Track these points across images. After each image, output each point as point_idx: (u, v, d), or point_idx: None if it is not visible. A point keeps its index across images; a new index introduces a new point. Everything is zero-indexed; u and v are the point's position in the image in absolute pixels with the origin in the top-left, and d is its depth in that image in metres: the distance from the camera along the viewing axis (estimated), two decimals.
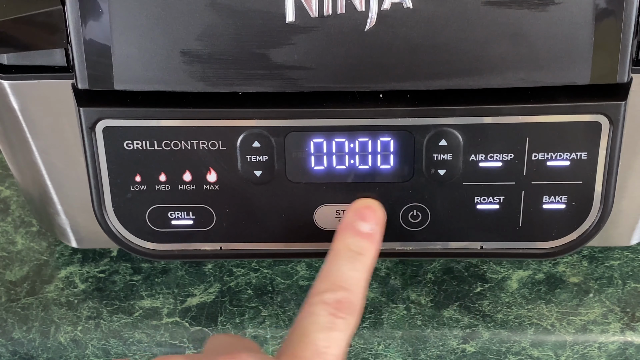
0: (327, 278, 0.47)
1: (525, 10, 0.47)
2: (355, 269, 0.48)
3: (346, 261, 0.48)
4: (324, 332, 0.44)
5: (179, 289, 0.61)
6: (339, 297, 0.46)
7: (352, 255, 0.48)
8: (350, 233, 0.49)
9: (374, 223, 0.50)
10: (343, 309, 0.45)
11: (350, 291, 0.46)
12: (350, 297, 0.46)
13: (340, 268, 0.48)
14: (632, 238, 0.60)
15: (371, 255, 0.49)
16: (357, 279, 0.47)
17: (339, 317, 0.45)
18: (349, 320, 0.45)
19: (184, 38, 0.48)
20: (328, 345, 0.44)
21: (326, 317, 0.45)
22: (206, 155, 0.52)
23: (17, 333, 0.59)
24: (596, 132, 0.51)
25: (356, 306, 0.46)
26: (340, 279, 0.47)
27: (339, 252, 0.48)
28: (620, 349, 0.57)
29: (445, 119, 0.50)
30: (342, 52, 0.48)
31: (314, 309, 0.45)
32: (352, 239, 0.49)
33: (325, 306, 0.45)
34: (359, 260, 0.48)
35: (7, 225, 0.66)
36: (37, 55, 0.50)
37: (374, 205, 0.51)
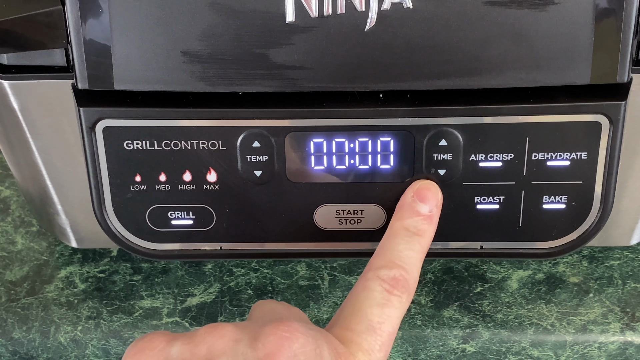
0: (384, 255, 0.47)
1: (525, 10, 0.47)
2: (412, 249, 0.48)
3: (403, 240, 0.48)
4: (378, 307, 0.45)
5: (179, 289, 0.61)
6: (395, 274, 0.46)
7: (409, 235, 0.48)
8: (409, 213, 0.50)
9: (433, 205, 0.50)
10: (398, 287, 0.46)
11: (406, 270, 0.47)
12: (406, 276, 0.46)
13: (397, 246, 0.48)
14: (632, 238, 0.60)
15: (428, 237, 0.49)
16: (414, 259, 0.47)
17: (394, 294, 0.45)
18: (403, 298, 0.45)
19: (184, 38, 0.48)
20: (382, 321, 0.44)
21: (381, 293, 0.45)
22: (206, 155, 0.52)
23: (17, 333, 0.59)
24: (596, 132, 0.51)
25: (410, 285, 0.46)
26: (396, 256, 0.47)
27: (397, 231, 0.49)
28: (620, 349, 0.57)
29: (445, 119, 0.50)
30: (342, 52, 0.48)
31: (370, 284, 0.46)
32: (411, 219, 0.49)
33: (381, 282, 0.46)
34: (416, 240, 0.48)
35: (7, 225, 0.66)
36: (37, 55, 0.50)
37: (433, 188, 0.51)
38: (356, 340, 0.44)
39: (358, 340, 0.44)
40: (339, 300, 0.60)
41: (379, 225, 0.54)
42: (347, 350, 0.43)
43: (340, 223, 0.55)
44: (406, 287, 0.46)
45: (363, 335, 0.44)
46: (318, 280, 0.61)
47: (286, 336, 0.41)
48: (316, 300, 0.60)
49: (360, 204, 0.54)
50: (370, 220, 0.54)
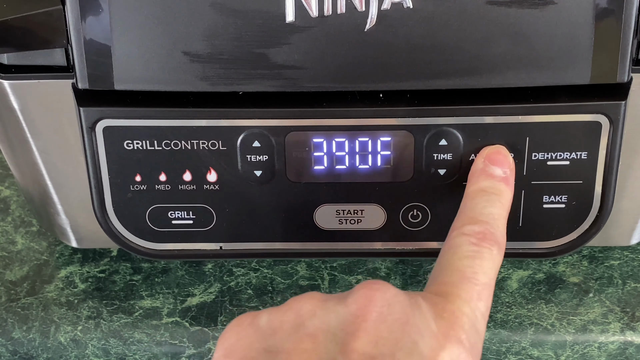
0: (465, 215, 0.46)
1: (525, 10, 0.47)
2: (492, 205, 0.46)
3: (482, 199, 0.47)
4: (469, 259, 0.43)
5: (179, 289, 0.61)
6: (480, 228, 0.44)
7: (487, 195, 0.47)
8: (483, 177, 0.48)
9: (506, 167, 0.49)
10: (486, 239, 0.44)
11: (490, 224, 0.45)
12: (492, 230, 0.45)
13: (477, 205, 0.46)
14: (632, 238, 0.60)
15: (507, 197, 0.47)
16: (496, 215, 0.46)
17: (483, 246, 0.44)
18: (494, 250, 0.44)
19: (184, 38, 0.48)
20: (475, 271, 0.42)
21: (469, 246, 0.44)
22: (206, 155, 0.52)
23: (17, 333, 0.59)
24: (596, 132, 0.51)
25: (499, 238, 0.44)
26: (479, 213, 0.46)
27: (475, 193, 0.47)
28: (620, 349, 0.57)
29: (445, 118, 0.50)
30: (342, 52, 0.48)
31: (456, 242, 0.44)
32: (486, 181, 0.48)
33: (467, 237, 0.44)
34: (496, 199, 0.47)
35: (7, 225, 0.66)
36: (37, 55, 0.50)
37: (504, 151, 0.50)
38: (452, 290, 0.41)
39: (454, 290, 0.41)
40: None
41: (379, 225, 0.54)
42: (444, 299, 0.41)
43: (340, 223, 0.55)
44: (494, 239, 0.44)
45: (458, 285, 0.42)
46: (318, 280, 0.61)
47: (377, 287, 0.40)
48: None
49: (360, 204, 0.54)
50: (370, 220, 0.54)
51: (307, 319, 0.39)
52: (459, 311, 0.40)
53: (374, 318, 0.38)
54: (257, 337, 0.39)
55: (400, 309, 0.39)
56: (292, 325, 0.39)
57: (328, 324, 0.38)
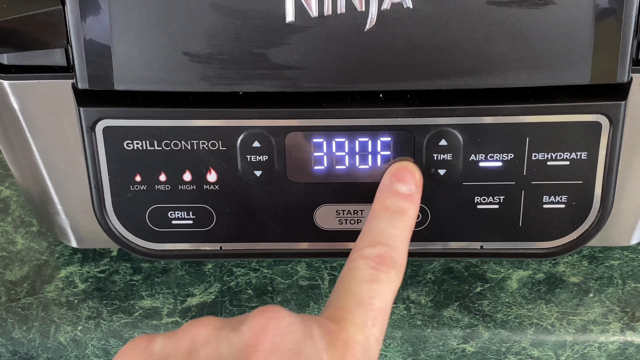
0: (366, 236, 0.46)
1: (525, 10, 0.47)
2: (395, 227, 0.47)
3: (385, 219, 0.47)
4: (367, 284, 0.44)
5: (179, 289, 0.61)
6: (380, 251, 0.45)
7: (391, 214, 0.47)
8: (388, 194, 0.49)
9: (412, 184, 0.49)
10: (385, 263, 0.45)
11: (391, 247, 0.46)
12: (392, 253, 0.45)
13: (379, 226, 0.47)
14: (632, 238, 0.60)
15: (411, 215, 0.48)
16: (398, 236, 0.46)
17: (381, 270, 0.44)
18: (392, 274, 0.44)
19: (184, 38, 0.48)
20: (371, 296, 0.43)
21: (367, 270, 0.44)
22: (206, 155, 0.52)
23: (17, 333, 0.59)
24: (596, 132, 0.51)
25: (399, 262, 0.45)
26: (379, 235, 0.46)
27: (378, 212, 0.48)
28: (620, 349, 0.57)
29: (445, 119, 0.50)
30: (342, 52, 0.48)
31: (355, 264, 0.45)
32: (390, 199, 0.48)
33: (367, 260, 0.45)
34: (399, 219, 0.47)
35: (7, 225, 0.66)
36: (37, 55, 0.50)
37: (411, 167, 0.50)
38: (347, 316, 0.42)
39: (349, 316, 0.42)
40: None
41: None
42: (338, 326, 0.42)
43: (340, 223, 0.55)
44: (393, 263, 0.45)
45: (354, 311, 0.42)
46: (318, 280, 0.61)
47: (272, 316, 0.40)
48: (316, 300, 0.60)
49: (360, 204, 0.54)
50: None
51: (200, 347, 0.39)
52: (351, 339, 0.41)
53: (266, 348, 0.39)
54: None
55: (292, 339, 0.39)
56: (185, 352, 0.39)
57: (220, 353, 0.39)
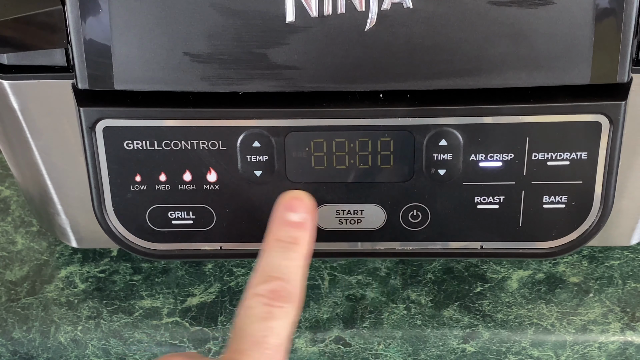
0: (259, 272, 0.47)
1: (525, 10, 0.47)
2: (288, 258, 0.47)
3: (278, 252, 0.48)
4: (260, 322, 0.44)
5: (179, 289, 0.61)
6: (273, 287, 0.46)
7: (283, 246, 0.48)
8: (280, 225, 0.49)
9: (303, 212, 0.49)
10: (279, 298, 0.45)
11: (285, 280, 0.46)
12: (286, 286, 0.46)
13: (272, 260, 0.47)
14: (632, 238, 0.60)
15: (305, 243, 0.48)
16: (292, 267, 0.47)
17: (275, 306, 0.45)
18: (287, 308, 0.45)
19: (184, 38, 0.48)
20: (266, 334, 0.44)
21: (261, 308, 0.45)
22: (206, 155, 0.52)
23: (17, 333, 0.59)
24: (596, 132, 0.51)
25: (293, 294, 0.46)
26: (272, 269, 0.47)
27: (271, 246, 0.48)
28: (620, 349, 0.57)
29: (445, 119, 0.50)
30: (342, 52, 0.48)
31: (249, 303, 0.45)
32: (282, 231, 0.49)
33: (260, 298, 0.45)
34: (292, 249, 0.48)
35: (7, 225, 0.66)
36: (37, 55, 0.50)
37: (301, 195, 0.50)
38: (241, 358, 0.43)
39: (243, 358, 0.43)
40: (339, 300, 0.60)
41: (379, 225, 0.54)
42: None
43: (340, 223, 0.55)
44: (287, 296, 0.45)
45: (248, 352, 0.43)
46: (318, 280, 0.61)
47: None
48: (316, 300, 0.60)
49: (360, 204, 0.54)
50: (370, 220, 0.54)
51: None
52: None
53: None
54: None
55: None
56: None
57: None
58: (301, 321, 0.58)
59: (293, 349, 0.58)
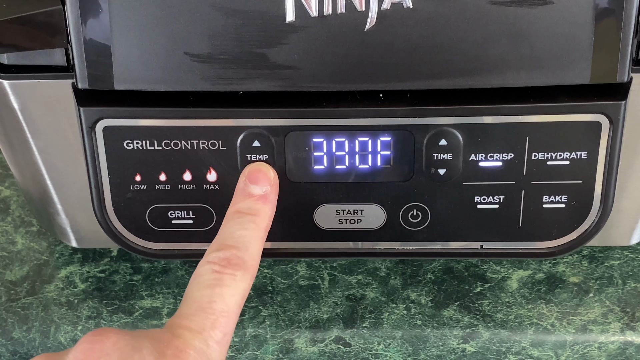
0: (216, 241, 0.48)
1: (525, 10, 0.47)
2: (245, 228, 0.48)
3: (236, 222, 0.48)
4: (208, 289, 0.44)
5: (179, 289, 0.61)
6: (226, 255, 0.46)
7: (242, 216, 0.48)
8: (241, 197, 0.50)
9: (265, 184, 0.50)
10: (230, 266, 0.45)
11: (239, 249, 0.46)
12: (239, 254, 0.46)
13: (229, 229, 0.48)
14: (632, 238, 0.60)
15: (265, 215, 0.49)
16: (248, 237, 0.47)
17: (225, 273, 0.45)
18: (238, 276, 0.45)
19: (184, 38, 0.48)
20: (212, 300, 0.44)
21: (211, 274, 0.45)
22: (206, 155, 0.52)
23: (17, 333, 0.59)
24: (596, 132, 0.51)
25: (247, 263, 0.46)
26: (228, 238, 0.47)
27: (230, 216, 0.49)
28: (620, 349, 0.57)
29: (445, 118, 0.50)
30: (342, 52, 0.48)
31: (199, 271, 0.46)
32: (243, 202, 0.49)
33: (211, 265, 0.46)
34: (250, 219, 0.48)
35: (7, 225, 0.66)
36: (37, 55, 0.50)
37: (264, 167, 0.51)
38: (184, 323, 0.43)
39: (186, 322, 0.43)
40: (339, 300, 0.60)
41: (379, 225, 0.54)
42: (172, 334, 0.42)
43: (340, 223, 0.55)
44: (240, 264, 0.46)
45: (192, 317, 0.43)
46: (318, 280, 0.61)
47: (97, 339, 0.41)
48: (316, 300, 0.60)
49: (360, 204, 0.54)
50: (370, 220, 0.54)
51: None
52: (184, 344, 0.42)
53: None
54: None
55: (118, 356, 0.40)
56: None
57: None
58: (301, 321, 0.58)
59: (293, 349, 0.58)
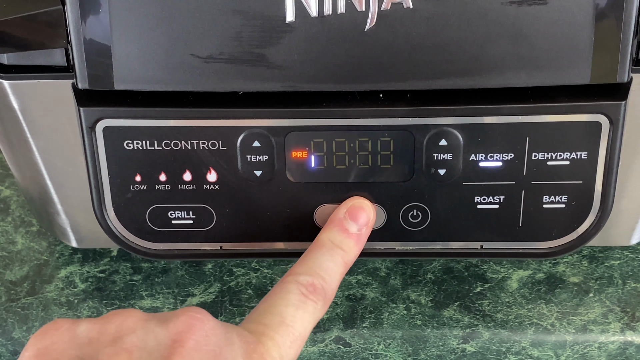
0: (305, 263, 0.49)
1: (525, 10, 0.47)
2: (334, 261, 0.49)
3: (327, 252, 0.49)
4: (293, 308, 0.45)
5: (179, 289, 0.61)
6: (314, 281, 0.47)
7: (333, 249, 0.50)
8: (338, 229, 0.51)
9: (363, 224, 0.52)
10: (315, 293, 0.47)
11: (325, 279, 0.48)
12: (324, 285, 0.47)
13: (320, 257, 0.49)
14: (632, 238, 0.60)
15: (353, 254, 0.50)
16: (334, 271, 0.49)
17: (310, 299, 0.46)
18: (319, 306, 0.46)
19: (184, 38, 0.48)
20: (295, 320, 0.45)
21: (298, 295, 0.46)
22: (206, 155, 0.52)
23: (17, 333, 0.59)
24: (596, 132, 0.51)
25: (327, 295, 0.47)
26: (318, 266, 0.48)
27: (323, 243, 0.50)
28: (620, 349, 0.57)
29: (445, 118, 0.50)
30: (342, 52, 0.48)
31: (288, 287, 0.47)
32: (339, 235, 0.50)
33: (299, 286, 0.47)
34: (340, 254, 0.50)
35: (7, 225, 0.66)
36: (37, 55, 0.50)
37: (367, 207, 0.52)
38: (267, 332, 0.44)
39: (269, 332, 0.44)
40: (339, 300, 0.60)
41: (379, 225, 0.54)
42: (257, 339, 0.43)
43: None
44: (323, 295, 0.47)
45: (275, 329, 0.44)
46: None
47: (198, 317, 0.42)
48: None
49: None
50: None
51: (125, 335, 0.40)
52: (267, 354, 0.43)
53: (191, 345, 0.40)
54: (72, 343, 0.40)
55: (215, 341, 0.41)
56: (111, 338, 0.40)
57: (145, 343, 0.40)
58: None
59: None
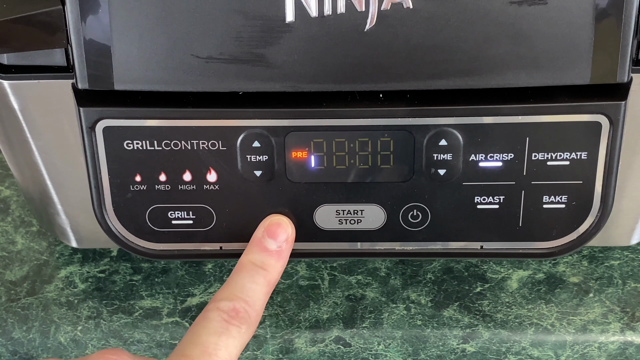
0: (226, 289, 0.49)
1: (525, 10, 0.47)
2: (255, 282, 0.49)
3: (248, 274, 0.50)
4: (215, 335, 0.46)
5: (179, 289, 0.61)
6: (236, 306, 0.47)
7: (254, 269, 0.50)
8: (257, 249, 0.51)
9: (282, 240, 0.52)
10: (238, 318, 0.47)
11: (248, 303, 0.48)
12: (247, 308, 0.48)
13: (241, 280, 0.49)
14: (632, 238, 0.60)
15: (276, 271, 0.50)
16: (257, 292, 0.49)
17: (233, 324, 0.47)
18: (243, 329, 0.47)
19: (184, 38, 0.48)
20: (217, 348, 0.45)
21: (219, 322, 0.46)
22: (206, 155, 0.52)
23: (17, 333, 0.59)
24: (596, 132, 0.51)
25: (252, 318, 0.48)
26: (239, 290, 0.49)
27: (244, 266, 0.50)
28: (620, 349, 0.57)
29: (445, 119, 0.50)
30: (342, 52, 0.48)
31: (209, 315, 0.47)
32: (258, 254, 0.51)
33: (220, 312, 0.47)
34: (262, 274, 0.50)
35: (7, 225, 0.66)
36: (37, 55, 0.50)
37: (284, 223, 0.52)
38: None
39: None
40: (339, 300, 0.60)
41: (379, 225, 0.54)
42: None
43: (340, 223, 0.55)
44: (246, 318, 0.47)
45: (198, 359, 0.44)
46: (318, 280, 0.61)
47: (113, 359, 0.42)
48: (316, 300, 0.60)
49: (360, 204, 0.54)
50: (370, 220, 0.54)
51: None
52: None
53: None
54: None
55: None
56: None
57: None
58: (301, 321, 0.58)
59: (293, 349, 0.58)
